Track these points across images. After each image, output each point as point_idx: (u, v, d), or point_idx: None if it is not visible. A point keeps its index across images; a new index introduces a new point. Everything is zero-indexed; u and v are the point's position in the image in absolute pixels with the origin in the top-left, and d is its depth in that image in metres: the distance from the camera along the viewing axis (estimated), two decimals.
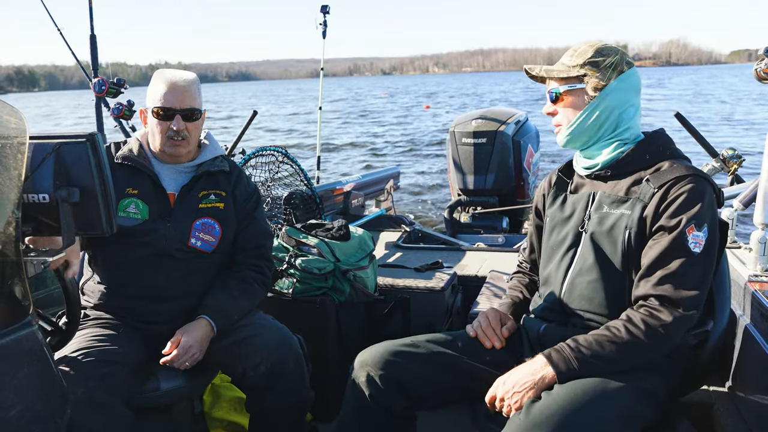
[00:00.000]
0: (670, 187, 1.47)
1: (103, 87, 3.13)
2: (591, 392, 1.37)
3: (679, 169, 1.50)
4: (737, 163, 2.93)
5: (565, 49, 1.73)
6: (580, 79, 1.58)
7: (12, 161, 1.20)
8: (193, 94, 1.92)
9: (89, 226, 1.44)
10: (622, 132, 1.59)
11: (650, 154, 1.56)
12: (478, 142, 4.56)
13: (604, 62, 1.56)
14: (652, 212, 1.48)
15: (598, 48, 1.58)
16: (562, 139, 1.63)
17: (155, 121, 1.89)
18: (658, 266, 1.45)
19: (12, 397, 1.11)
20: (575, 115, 1.59)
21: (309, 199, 3.49)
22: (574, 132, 1.60)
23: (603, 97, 1.56)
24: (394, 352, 1.64)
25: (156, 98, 1.88)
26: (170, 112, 1.88)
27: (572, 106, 1.60)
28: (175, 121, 1.88)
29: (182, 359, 1.79)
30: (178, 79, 1.89)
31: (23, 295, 1.19)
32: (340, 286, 2.41)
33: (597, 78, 1.56)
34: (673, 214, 1.45)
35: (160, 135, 1.90)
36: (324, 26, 4.98)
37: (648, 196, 1.49)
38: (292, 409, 1.93)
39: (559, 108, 1.62)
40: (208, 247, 1.97)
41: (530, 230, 1.91)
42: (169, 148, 1.93)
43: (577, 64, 1.58)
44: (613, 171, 1.59)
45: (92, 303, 1.94)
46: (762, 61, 1.93)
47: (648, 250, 1.48)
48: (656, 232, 1.48)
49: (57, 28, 3.24)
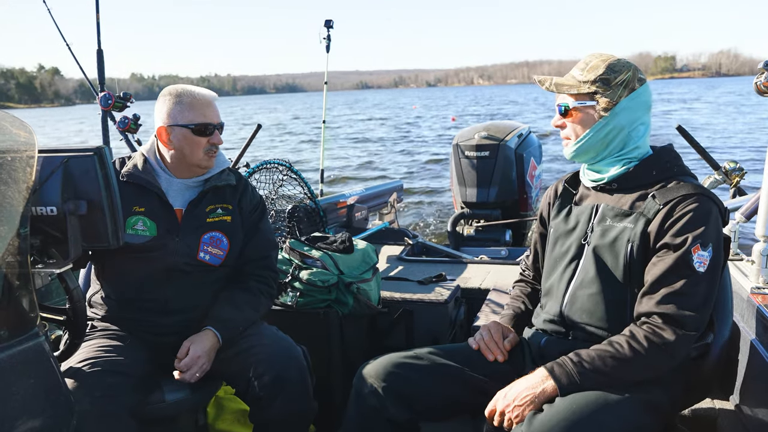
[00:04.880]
0: (675, 205, 1.47)
1: (109, 101, 3.15)
2: (593, 404, 1.37)
3: (686, 187, 1.49)
4: (739, 175, 2.93)
5: None
6: (590, 96, 1.56)
7: (21, 174, 1.22)
8: (218, 108, 2.01)
9: (96, 238, 1.46)
10: (630, 151, 1.58)
11: (657, 171, 1.56)
12: (481, 155, 4.58)
13: (615, 80, 1.54)
14: (656, 228, 1.48)
15: (610, 64, 1.56)
16: (569, 152, 1.64)
17: (194, 138, 1.93)
18: (662, 284, 1.44)
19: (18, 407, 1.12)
20: (584, 131, 1.59)
21: (313, 212, 3.51)
22: (582, 148, 1.60)
23: (612, 116, 1.55)
24: (397, 364, 1.65)
25: (192, 115, 1.92)
26: (210, 127, 1.94)
27: (581, 122, 1.59)
28: (214, 136, 1.96)
29: (192, 370, 1.80)
30: (210, 96, 1.99)
31: (30, 306, 1.20)
32: (344, 298, 2.42)
33: (607, 96, 1.54)
34: (678, 232, 1.44)
35: (199, 150, 1.95)
36: (328, 40, 5.03)
37: (653, 212, 1.49)
38: (296, 421, 1.93)
39: (568, 122, 1.61)
40: (217, 260, 1.99)
41: (535, 237, 1.90)
42: (206, 162, 1.98)
43: (588, 80, 1.56)
44: (619, 184, 1.59)
45: (99, 315, 1.95)
46: (762, 75, 1.95)
47: (652, 267, 1.48)
48: (660, 249, 1.47)
49: (66, 43, 3.27)
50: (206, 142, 1.94)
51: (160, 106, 1.95)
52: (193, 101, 1.93)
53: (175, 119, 1.92)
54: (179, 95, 1.94)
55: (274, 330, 2.03)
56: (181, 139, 1.94)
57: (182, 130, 1.93)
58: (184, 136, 1.93)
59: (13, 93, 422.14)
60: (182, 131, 1.93)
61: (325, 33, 5.01)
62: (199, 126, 1.92)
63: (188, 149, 1.94)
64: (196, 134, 1.93)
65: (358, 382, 1.67)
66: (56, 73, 77.10)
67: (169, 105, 1.93)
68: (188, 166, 1.98)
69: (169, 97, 1.94)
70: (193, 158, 1.96)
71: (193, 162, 1.97)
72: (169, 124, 1.93)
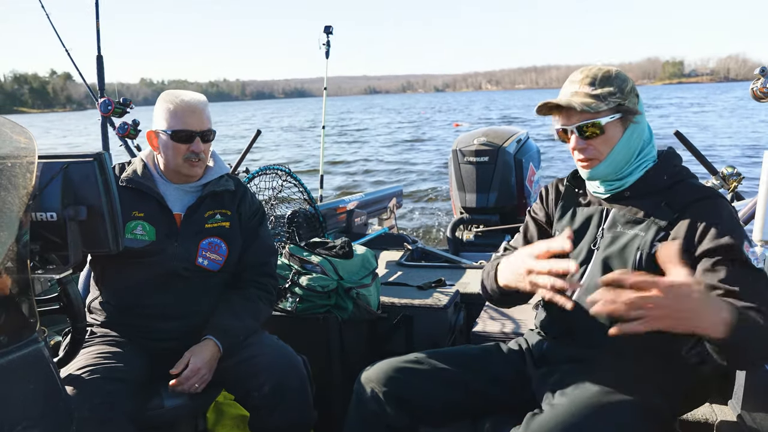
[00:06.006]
0: (698, 209, 1.44)
1: (109, 107, 3.16)
2: (591, 409, 1.37)
3: (700, 189, 1.50)
4: (737, 180, 2.94)
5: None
6: (615, 109, 1.50)
7: (21, 180, 1.22)
8: (208, 115, 1.96)
9: (96, 243, 1.46)
10: (645, 154, 1.56)
11: (668, 175, 1.55)
12: (480, 160, 4.59)
13: (627, 87, 1.52)
14: (684, 234, 1.42)
15: (615, 73, 1.52)
16: (601, 173, 1.56)
17: (173, 144, 1.91)
18: (735, 285, 1.34)
19: (17, 413, 1.12)
20: (611, 146, 1.52)
21: (312, 217, 3.51)
22: (611, 164, 1.54)
23: (637, 124, 1.53)
24: (397, 368, 1.65)
25: (173, 120, 1.90)
26: (190, 134, 1.90)
27: (609, 138, 1.52)
28: (195, 144, 1.91)
29: (192, 381, 1.80)
30: (195, 102, 1.93)
31: (30, 312, 1.20)
32: (343, 303, 2.42)
33: (630, 105, 1.51)
34: (718, 234, 1.39)
35: (178, 157, 1.92)
36: (327, 46, 5.05)
37: (666, 219, 1.47)
38: (295, 429, 1.93)
39: (596, 142, 1.53)
40: (215, 266, 1.99)
41: (523, 229, 1.83)
42: (186, 170, 1.95)
43: (606, 93, 1.50)
44: (631, 191, 1.57)
45: (99, 321, 1.95)
46: (759, 81, 1.96)
47: (710, 275, 1.37)
48: (706, 255, 1.40)
49: (65, 48, 3.28)
50: (186, 149, 1.91)
51: (154, 110, 1.96)
52: (177, 107, 1.91)
53: (160, 124, 1.93)
54: (166, 100, 1.93)
55: (274, 339, 2.03)
56: (164, 145, 1.93)
57: (164, 135, 1.92)
58: (165, 141, 1.92)
59: (27, 98, 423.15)
60: (164, 136, 1.92)
61: (325, 39, 5.03)
62: (177, 132, 1.90)
63: (170, 155, 1.94)
64: (175, 140, 1.90)
65: (358, 387, 1.67)
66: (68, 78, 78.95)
67: (157, 109, 1.94)
68: (174, 172, 1.98)
69: (160, 102, 1.94)
70: (174, 165, 1.95)
71: (174, 168, 1.96)
72: (156, 129, 1.94)
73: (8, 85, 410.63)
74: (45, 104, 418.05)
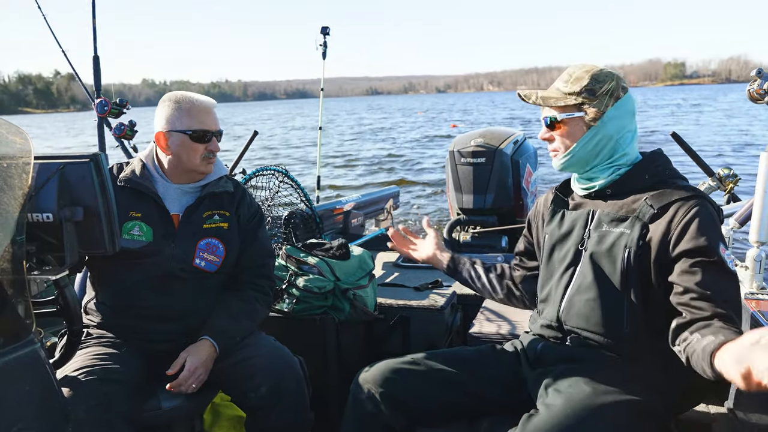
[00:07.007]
0: (678, 209, 1.46)
1: (105, 107, 3.15)
2: (587, 409, 1.38)
3: (681, 190, 1.50)
4: (733, 182, 2.95)
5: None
6: (577, 107, 1.57)
7: (17, 181, 1.22)
8: (217, 116, 2.02)
9: (92, 244, 1.46)
10: (618, 158, 1.59)
11: (650, 174, 1.57)
12: (477, 161, 4.58)
13: (600, 90, 1.55)
14: (661, 234, 1.46)
15: (594, 74, 1.56)
16: (558, 164, 1.63)
17: (192, 144, 1.94)
18: (707, 289, 1.38)
19: (13, 415, 1.12)
20: (572, 143, 1.59)
21: (309, 218, 3.51)
22: (571, 160, 1.61)
23: (601, 126, 1.56)
24: (394, 369, 1.65)
25: (190, 121, 1.93)
26: (208, 134, 1.95)
27: (569, 134, 1.59)
28: (212, 143, 1.97)
29: (189, 382, 1.80)
30: (209, 103, 1.99)
31: (26, 314, 1.20)
32: (340, 304, 2.42)
33: (595, 107, 1.55)
34: (695, 235, 1.42)
35: (196, 156, 1.95)
36: (324, 47, 5.04)
37: (648, 216, 1.49)
38: (292, 431, 1.93)
39: (556, 134, 1.61)
40: (212, 267, 1.99)
41: (519, 245, 1.93)
42: (204, 167, 1.99)
43: (573, 92, 1.56)
44: (614, 190, 1.60)
45: (95, 322, 1.95)
46: (755, 82, 1.97)
47: (686, 275, 1.41)
48: (683, 256, 1.43)
49: (62, 49, 3.27)
50: (204, 148, 1.95)
51: (159, 112, 1.96)
52: (192, 108, 1.94)
53: (174, 125, 1.93)
54: (178, 101, 1.95)
55: (271, 340, 2.03)
56: (179, 145, 1.94)
57: (180, 136, 1.93)
58: (182, 142, 1.94)
59: (31, 98, 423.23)
60: (180, 137, 1.93)
61: (321, 40, 5.02)
62: (196, 132, 1.93)
63: (186, 155, 1.95)
64: (194, 140, 1.93)
65: (355, 388, 1.67)
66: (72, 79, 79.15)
67: (168, 111, 1.94)
68: (185, 171, 1.99)
69: (169, 103, 1.95)
70: (191, 164, 1.96)
71: (191, 168, 1.97)
72: (167, 130, 1.94)
73: (13, 86, 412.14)
74: (49, 104, 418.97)
